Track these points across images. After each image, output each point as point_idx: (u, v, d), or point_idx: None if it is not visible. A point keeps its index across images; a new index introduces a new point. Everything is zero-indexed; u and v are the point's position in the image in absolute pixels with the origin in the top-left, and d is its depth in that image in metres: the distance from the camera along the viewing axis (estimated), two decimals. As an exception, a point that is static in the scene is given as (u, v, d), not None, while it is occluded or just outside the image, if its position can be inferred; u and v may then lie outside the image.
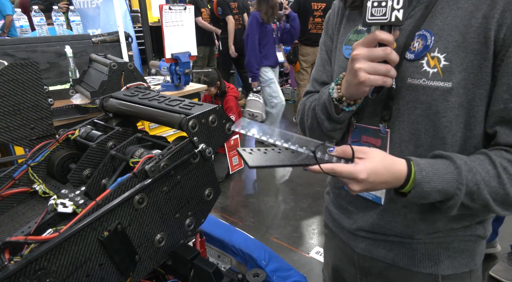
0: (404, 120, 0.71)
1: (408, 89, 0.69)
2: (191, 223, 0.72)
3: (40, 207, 0.72)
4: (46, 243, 0.51)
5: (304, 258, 2.38)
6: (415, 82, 0.68)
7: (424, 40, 0.68)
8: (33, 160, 0.76)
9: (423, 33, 0.68)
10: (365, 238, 0.83)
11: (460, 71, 0.64)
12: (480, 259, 0.80)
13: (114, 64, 1.91)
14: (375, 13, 0.61)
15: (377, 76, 0.64)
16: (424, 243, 0.77)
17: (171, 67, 2.50)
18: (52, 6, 2.89)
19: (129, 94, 0.85)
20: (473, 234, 0.77)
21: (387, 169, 0.63)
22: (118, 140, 0.77)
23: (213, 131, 0.71)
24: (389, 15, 0.59)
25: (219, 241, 0.95)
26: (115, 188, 0.59)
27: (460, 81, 0.64)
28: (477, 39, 0.63)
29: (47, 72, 2.51)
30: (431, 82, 0.66)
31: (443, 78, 0.65)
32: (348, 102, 0.73)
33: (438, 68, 0.66)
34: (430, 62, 0.67)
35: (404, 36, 0.70)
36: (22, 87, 0.81)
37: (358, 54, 0.64)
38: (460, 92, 0.65)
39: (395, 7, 0.59)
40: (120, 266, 0.59)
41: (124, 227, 0.59)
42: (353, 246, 0.87)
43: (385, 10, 0.60)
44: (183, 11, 2.48)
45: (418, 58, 0.68)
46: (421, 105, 0.68)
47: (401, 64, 0.70)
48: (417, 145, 0.71)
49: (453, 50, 0.65)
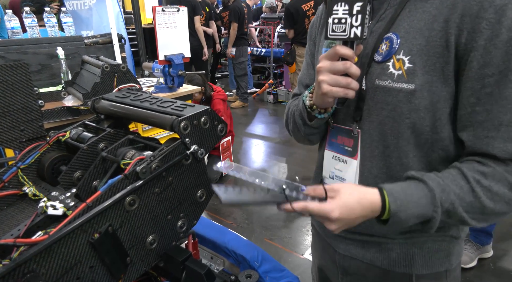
0: (373, 121, 0.73)
1: (376, 90, 0.71)
2: (183, 225, 0.71)
3: (30, 209, 0.72)
4: (36, 245, 0.51)
5: (298, 259, 2.39)
6: (382, 84, 0.70)
7: (391, 42, 0.69)
8: (23, 162, 0.76)
9: (390, 36, 0.70)
10: (345, 238, 0.85)
11: (423, 74, 0.65)
12: (457, 259, 0.82)
13: (107, 66, 1.90)
14: (336, 29, 0.64)
15: (338, 88, 0.66)
16: (399, 243, 0.78)
17: (164, 69, 2.50)
18: (43, 7, 2.87)
19: (121, 96, 0.85)
20: (447, 234, 0.78)
21: (358, 202, 0.64)
22: (109, 142, 0.76)
23: (205, 133, 0.72)
24: (348, 32, 0.63)
25: (212, 242, 0.95)
26: (106, 190, 0.58)
27: (424, 83, 0.65)
28: (439, 42, 0.64)
29: (39, 74, 2.49)
30: (396, 84, 0.68)
31: (407, 80, 0.66)
32: (319, 110, 0.75)
33: (403, 70, 0.67)
34: (396, 64, 0.68)
35: (374, 38, 0.72)
36: (11, 88, 0.80)
37: (321, 67, 0.67)
38: (423, 95, 0.66)
39: (353, 24, 0.62)
40: (111, 268, 0.59)
41: (115, 229, 0.59)
42: (334, 246, 0.89)
43: (344, 26, 0.63)
44: (176, 13, 2.48)
45: (384, 60, 0.70)
46: (387, 106, 0.70)
47: (370, 65, 0.72)
48: (385, 145, 0.72)
49: (417, 52, 0.66)
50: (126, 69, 1.99)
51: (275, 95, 6.04)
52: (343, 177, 0.79)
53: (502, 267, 2.25)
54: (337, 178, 0.81)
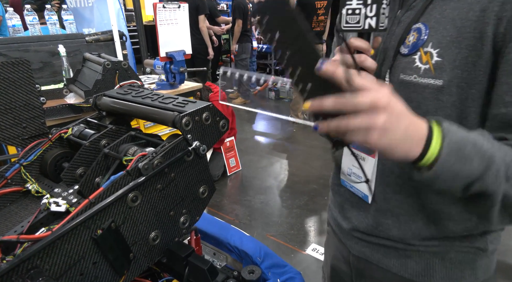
0: None
1: (400, 85, 0.66)
2: (185, 221, 0.71)
3: (33, 206, 0.72)
4: (39, 241, 0.51)
5: (301, 255, 2.39)
6: (406, 79, 0.66)
7: (419, 33, 0.64)
8: (26, 159, 0.76)
9: (418, 27, 0.65)
10: (360, 239, 0.81)
11: (452, 69, 0.60)
12: (485, 274, 0.75)
13: (108, 63, 1.90)
14: (350, 21, 0.61)
15: None
16: (418, 251, 0.74)
17: (165, 66, 2.50)
18: (44, 5, 2.87)
19: (122, 93, 0.85)
20: (472, 245, 0.72)
21: (409, 115, 0.51)
22: (111, 138, 0.76)
23: (207, 129, 0.71)
24: (362, 23, 0.59)
25: (215, 238, 0.95)
26: (109, 186, 0.58)
27: (452, 79, 0.61)
28: (473, 34, 0.58)
29: (41, 71, 2.49)
30: (422, 79, 0.63)
31: (434, 76, 0.62)
32: None
33: (430, 65, 0.62)
34: (423, 57, 0.63)
35: (401, 29, 0.67)
36: (13, 86, 0.80)
37: (336, 60, 0.63)
38: (452, 91, 0.61)
39: (368, 14, 0.59)
40: (114, 264, 0.59)
41: (118, 225, 0.59)
42: (349, 246, 0.85)
43: (358, 18, 0.59)
44: (177, 9, 2.47)
45: (411, 53, 0.65)
46: (412, 103, 0.63)
47: (395, 58, 0.67)
48: None
49: (447, 45, 0.61)
50: (128, 66, 1.99)
51: (277, 91, 6.03)
52: (360, 175, 0.77)
53: (505, 262, 2.25)
54: (354, 176, 0.78)
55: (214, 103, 2.73)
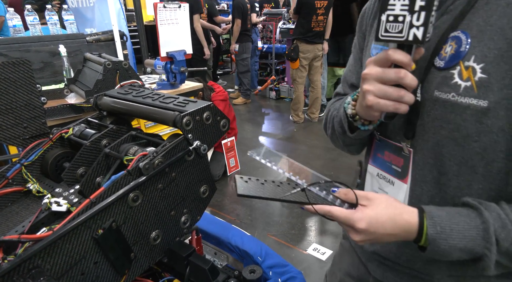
0: (429, 140, 0.60)
1: (435, 104, 0.58)
2: (186, 220, 0.71)
3: (34, 206, 0.72)
4: (40, 241, 0.51)
5: (302, 255, 2.39)
6: (442, 97, 0.57)
7: (459, 44, 0.55)
8: (27, 159, 0.76)
9: (457, 35, 0.55)
10: (383, 263, 0.75)
11: (500, 88, 0.51)
12: None
13: (109, 63, 1.90)
14: (390, 29, 0.51)
15: (387, 101, 0.54)
16: None
17: (166, 66, 2.50)
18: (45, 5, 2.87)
19: (123, 92, 0.85)
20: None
21: (392, 219, 0.54)
22: (112, 138, 0.76)
23: (207, 128, 0.71)
24: (406, 33, 0.50)
25: (216, 238, 0.95)
26: (109, 186, 0.58)
27: (500, 100, 0.52)
28: None
29: (41, 71, 2.49)
30: (462, 99, 0.54)
31: (478, 95, 0.53)
32: (362, 121, 0.63)
33: (472, 82, 0.53)
34: (463, 73, 0.54)
35: (436, 37, 0.58)
36: (14, 86, 0.80)
37: (368, 74, 0.55)
38: (499, 114, 0.52)
39: (414, 23, 0.49)
40: (115, 264, 0.59)
41: (119, 224, 0.59)
42: (370, 268, 0.79)
43: (401, 26, 0.50)
44: (178, 9, 2.47)
45: (448, 66, 0.56)
46: (448, 125, 0.57)
47: (429, 71, 0.58)
48: (441, 171, 0.60)
49: (494, 60, 0.52)
50: (128, 66, 1.99)
51: (277, 91, 6.03)
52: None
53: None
54: None
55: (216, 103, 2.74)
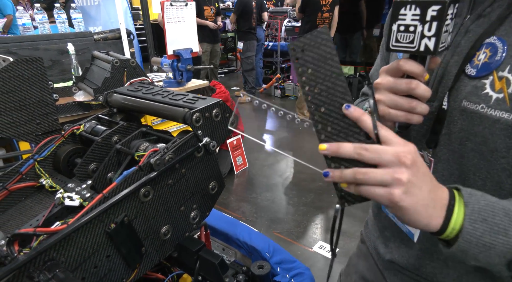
0: (453, 152, 0.57)
1: (462, 114, 0.55)
2: (196, 216, 0.72)
3: (47, 200, 0.73)
4: (55, 234, 0.52)
5: (308, 253, 2.40)
6: (470, 107, 0.53)
7: (494, 52, 0.51)
8: (40, 155, 0.77)
9: (493, 42, 0.52)
10: (400, 272, 0.72)
11: None
12: None
13: (117, 61, 1.92)
14: (401, 39, 0.49)
15: (398, 111, 0.52)
16: None
17: (173, 64, 2.51)
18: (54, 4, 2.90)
19: (133, 90, 0.86)
20: None
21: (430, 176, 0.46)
22: (122, 134, 0.77)
23: (216, 125, 0.72)
24: (417, 43, 0.48)
25: (224, 234, 0.96)
26: (121, 181, 0.59)
27: None
28: None
29: (50, 69, 2.52)
30: (492, 111, 0.51)
31: (510, 109, 0.50)
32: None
33: (505, 94, 0.50)
34: (496, 83, 0.51)
35: (469, 42, 0.54)
36: (27, 83, 0.82)
37: (380, 84, 0.53)
38: None
39: (425, 34, 0.47)
40: (127, 258, 0.60)
41: (131, 219, 0.60)
42: (387, 276, 0.76)
43: (413, 36, 0.48)
44: (185, 7, 2.48)
45: (480, 75, 0.53)
46: (475, 137, 0.54)
47: (459, 78, 0.55)
48: (464, 184, 0.55)
49: None
50: (136, 64, 2.01)
51: (283, 89, 6.02)
52: None
53: None
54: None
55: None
